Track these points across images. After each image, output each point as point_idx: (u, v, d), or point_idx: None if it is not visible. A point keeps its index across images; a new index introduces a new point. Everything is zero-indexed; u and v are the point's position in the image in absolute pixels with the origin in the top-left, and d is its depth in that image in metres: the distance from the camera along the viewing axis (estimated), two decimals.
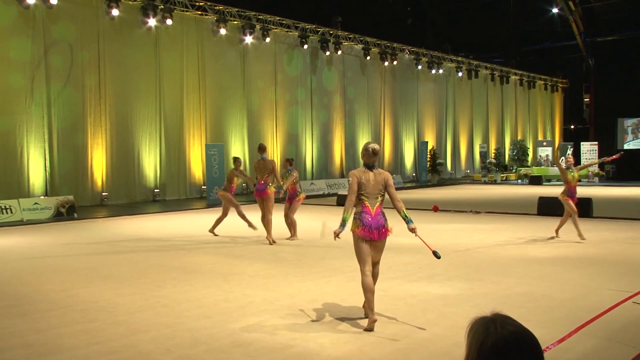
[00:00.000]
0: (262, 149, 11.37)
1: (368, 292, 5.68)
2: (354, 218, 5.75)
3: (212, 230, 12.15)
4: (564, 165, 10.93)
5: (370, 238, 5.66)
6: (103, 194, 18.77)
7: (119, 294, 7.09)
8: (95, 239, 12.04)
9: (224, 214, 12.25)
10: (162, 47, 20.38)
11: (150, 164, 20.12)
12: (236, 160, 12.47)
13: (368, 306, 5.70)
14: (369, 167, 5.84)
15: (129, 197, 19.52)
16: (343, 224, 5.71)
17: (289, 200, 11.55)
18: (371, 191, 5.75)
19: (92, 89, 18.58)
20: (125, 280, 7.85)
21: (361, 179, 5.75)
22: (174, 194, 20.74)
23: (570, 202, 10.67)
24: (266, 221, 10.95)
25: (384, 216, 5.79)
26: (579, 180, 11.23)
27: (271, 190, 11.03)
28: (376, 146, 5.91)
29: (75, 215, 15.66)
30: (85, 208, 17.40)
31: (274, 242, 10.91)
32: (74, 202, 16.06)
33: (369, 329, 5.53)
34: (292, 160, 12.10)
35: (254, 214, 11.93)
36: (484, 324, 1.56)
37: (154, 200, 19.93)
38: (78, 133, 18.32)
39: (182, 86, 21.04)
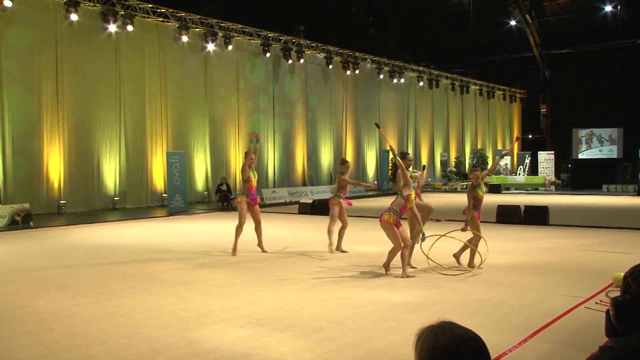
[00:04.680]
0: None
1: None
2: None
3: (339, 248, 10.78)
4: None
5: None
6: (61, 201, 18.37)
7: (76, 303, 6.94)
8: (52, 247, 11.76)
9: (344, 224, 10.80)
10: (122, 53, 20.12)
11: (110, 171, 19.79)
12: (344, 163, 11.16)
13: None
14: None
15: (88, 205, 19.15)
16: None
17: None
18: None
19: (49, 94, 18.19)
20: (82, 290, 7.68)
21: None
22: (134, 202, 20.43)
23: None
24: None
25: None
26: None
27: None
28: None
29: (31, 223, 15.26)
30: (41, 216, 16.99)
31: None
32: (30, 210, 15.66)
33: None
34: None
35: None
36: (432, 330, 1.58)
37: (114, 208, 19.60)
38: (33, 139, 17.91)
39: (143, 93, 20.79)
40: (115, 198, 19.86)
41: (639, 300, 1.90)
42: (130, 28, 19.48)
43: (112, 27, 19.34)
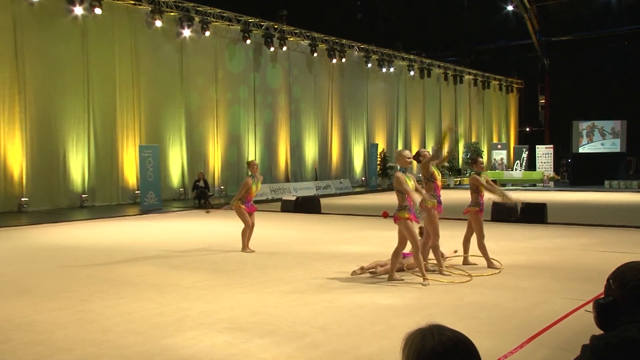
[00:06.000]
0: None
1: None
2: None
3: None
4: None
5: None
6: (22, 199, 18.18)
7: (39, 310, 6.88)
8: (12, 249, 11.65)
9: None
10: (90, 38, 19.93)
11: (78, 166, 19.63)
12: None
13: None
14: None
15: (53, 202, 18.97)
16: None
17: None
18: None
19: (7, 82, 17.93)
20: (46, 295, 7.62)
21: None
22: (104, 200, 20.29)
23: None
24: None
25: None
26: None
27: None
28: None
29: None
30: (0, 215, 16.82)
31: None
32: None
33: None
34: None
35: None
36: (420, 333, 1.62)
37: (82, 206, 19.46)
38: None
39: (114, 82, 20.63)
40: (83, 195, 19.70)
41: (620, 303, 1.95)
42: (98, 11, 19.27)
43: (78, 10, 19.13)
